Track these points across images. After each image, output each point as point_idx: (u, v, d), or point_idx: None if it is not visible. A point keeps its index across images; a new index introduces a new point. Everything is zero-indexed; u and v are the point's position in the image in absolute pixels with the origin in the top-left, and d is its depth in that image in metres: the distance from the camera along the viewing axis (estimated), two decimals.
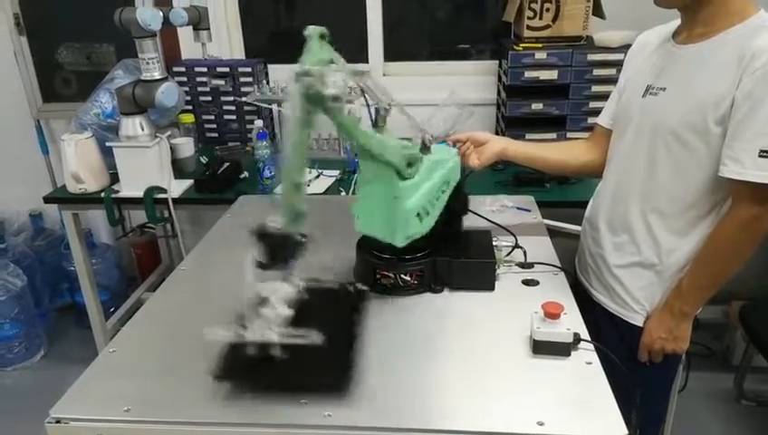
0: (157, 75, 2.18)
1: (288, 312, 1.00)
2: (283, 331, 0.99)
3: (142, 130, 2.22)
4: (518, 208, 1.73)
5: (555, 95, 2.38)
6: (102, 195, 2.30)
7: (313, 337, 0.97)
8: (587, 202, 1.62)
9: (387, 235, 1.21)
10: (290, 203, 1.01)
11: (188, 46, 2.75)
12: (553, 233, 1.62)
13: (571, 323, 1.12)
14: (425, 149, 1.25)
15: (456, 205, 1.37)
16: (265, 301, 1.01)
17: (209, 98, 2.74)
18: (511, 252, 1.42)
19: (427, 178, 1.22)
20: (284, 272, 1.02)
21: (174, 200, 2.27)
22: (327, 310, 1.15)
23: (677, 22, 1.35)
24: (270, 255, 0.99)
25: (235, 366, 1.00)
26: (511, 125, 2.44)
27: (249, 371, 1.00)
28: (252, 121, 2.62)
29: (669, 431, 1.86)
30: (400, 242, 1.20)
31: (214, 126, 2.79)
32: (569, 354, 1.08)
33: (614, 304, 1.47)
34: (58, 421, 0.96)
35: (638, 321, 1.43)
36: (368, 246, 1.29)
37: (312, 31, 1.00)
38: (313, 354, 0.97)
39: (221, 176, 2.31)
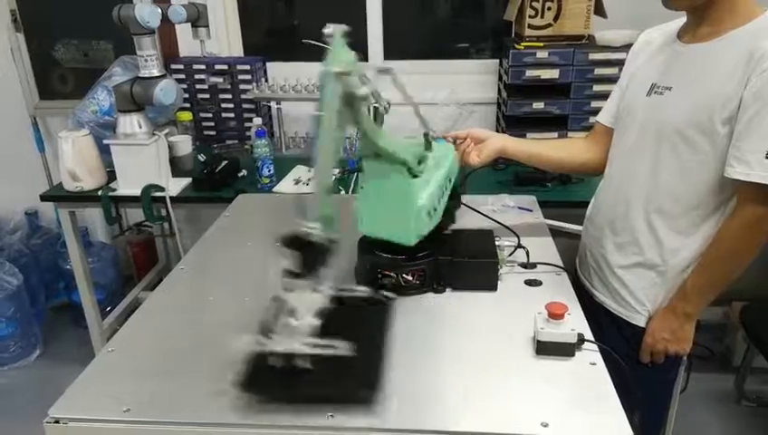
0: (155, 72, 2.16)
1: (315, 322, 0.95)
2: (309, 341, 0.94)
3: (140, 127, 2.20)
4: (520, 208, 1.72)
5: (556, 94, 2.38)
6: (99, 193, 2.29)
7: (341, 348, 0.94)
8: (588, 202, 1.61)
9: (396, 235, 1.20)
10: (324, 208, 0.94)
11: (187, 43, 2.74)
12: (554, 233, 1.62)
13: (575, 323, 1.11)
14: (428, 145, 1.24)
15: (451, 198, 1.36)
16: (293, 311, 0.95)
17: (207, 96, 2.72)
18: (513, 252, 1.41)
19: (433, 176, 1.21)
20: (313, 281, 0.95)
21: (172, 199, 2.25)
22: (354, 320, 1.11)
23: (682, 20, 1.34)
24: (303, 263, 0.94)
25: (261, 377, 0.97)
26: (511, 124, 2.43)
27: (275, 382, 0.96)
28: (250, 119, 2.61)
29: (671, 433, 1.85)
30: (413, 241, 1.19)
31: (212, 124, 2.78)
32: (573, 355, 1.07)
33: (616, 305, 1.46)
34: (57, 421, 0.95)
35: (640, 321, 1.42)
36: (369, 245, 1.28)
37: (335, 30, 0.96)
38: (341, 366, 0.94)
39: (219, 174, 2.30)
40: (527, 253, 1.41)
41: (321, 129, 0.92)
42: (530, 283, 1.33)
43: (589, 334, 1.12)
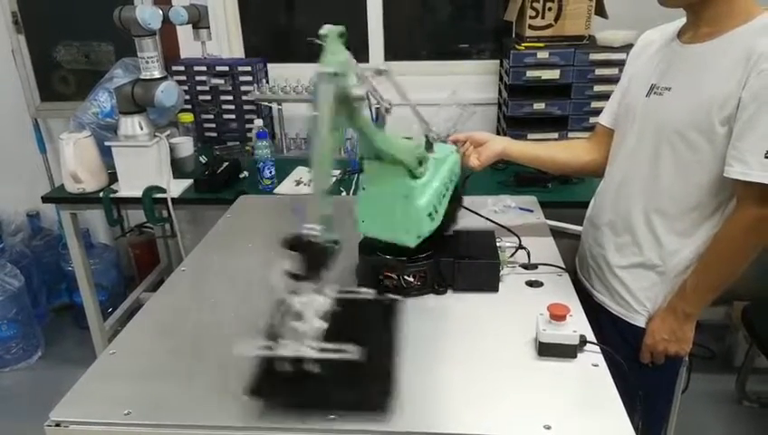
0: (156, 74, 2.16)
1: (322, 325, 0.92)
2: (318, 345, 0.91)
3: (141, 129, 2.20)
4: (520, 209, 1.72)
5: (557, 95, 2.38)
6: (101, 195, 2.29)
7: (351, 352, 0.91)
8: (589, 202, 1.61)
9: (397, 235, 1.20)
10: (323, 208, 0.92)
11: (188, 45, 2.74)
12: (555, 233, 1.61)
13: (577, 325, 1.11)
14: (429, 146, 1.23)
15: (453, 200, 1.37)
16: (298, 314, 0.91)
17: (209, 97, 2.72)
18: (514, 253, 1.41)
19: (434, 177, 1.21)
20: (317, 283, 0.92)
21: (173, 200, 2.25)
22: (361, 323, 1.09)
23: (682, 21, 1.34)
24: (306, 265, 0.89)
25: (269, 382, 0.94)
26: (512, 125, 2.43)
27: (284, 387, 0.94)
28: (251, 121, 2.61)
29: (672, 433, 1.85)
30: (413, 242, 1.20)
31: (213, 125, 2.78)
32: (575, 356, 1.07)
33: (616, 305, 1.46)
34: (58, 425, 0.95)
35: (640, 322, 1.42)
36: (370, 247, 1.28)
37: (329, 30, 0.96)
38: (352, 370, 0.91)
39: (220, 175, 2.30)
40: (528, 254, 1.41)
41: (316, 130, 0.90)
42: (531, 284, 1.33)
43: (591, 336, 1.12)
